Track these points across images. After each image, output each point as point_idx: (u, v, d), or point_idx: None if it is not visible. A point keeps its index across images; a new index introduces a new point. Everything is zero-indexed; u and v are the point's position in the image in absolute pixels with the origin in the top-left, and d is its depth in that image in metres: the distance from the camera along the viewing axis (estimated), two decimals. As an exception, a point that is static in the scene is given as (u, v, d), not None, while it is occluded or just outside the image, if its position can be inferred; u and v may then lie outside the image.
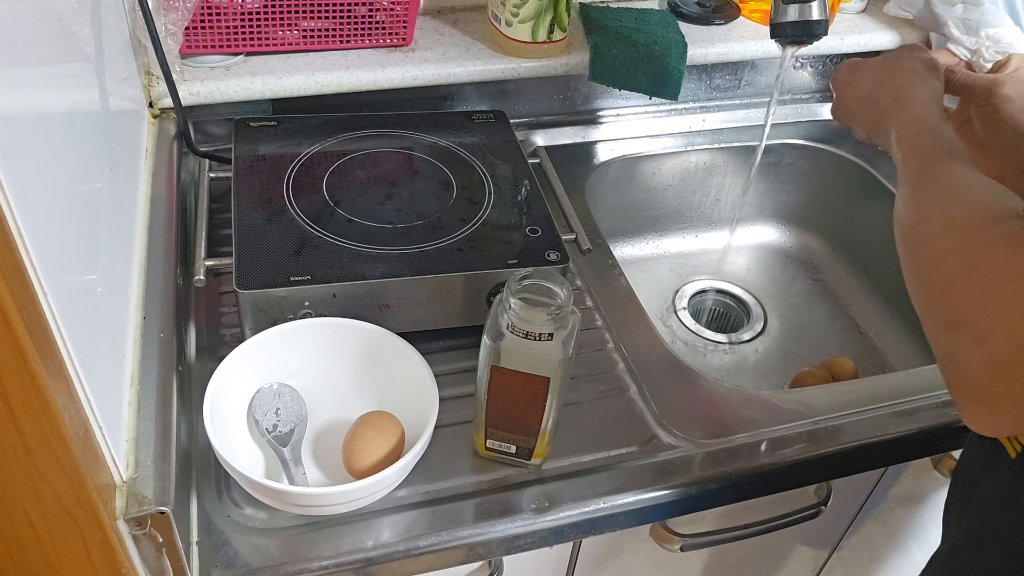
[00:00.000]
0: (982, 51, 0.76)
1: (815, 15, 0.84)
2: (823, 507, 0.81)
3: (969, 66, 0.76)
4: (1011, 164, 0.70)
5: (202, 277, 0.75)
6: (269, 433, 0.68)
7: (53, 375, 0.44)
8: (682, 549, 0.76)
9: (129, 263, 0.69)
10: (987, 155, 0.72)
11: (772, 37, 0.88)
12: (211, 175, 0.88)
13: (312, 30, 0.95)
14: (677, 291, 1.14)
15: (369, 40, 0.97)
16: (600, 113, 1.12)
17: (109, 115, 0.71)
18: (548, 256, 0.78)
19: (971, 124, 0.73)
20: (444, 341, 0.78)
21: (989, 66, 0.75)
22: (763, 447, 0.74)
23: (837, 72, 0.75)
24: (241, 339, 0.71)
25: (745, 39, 1.09)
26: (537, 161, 0.96)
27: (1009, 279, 0.48)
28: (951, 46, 0.77)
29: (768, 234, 1.21)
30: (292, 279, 0.72)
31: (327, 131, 0.90)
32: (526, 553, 0.71)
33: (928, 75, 0.67)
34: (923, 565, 0.65)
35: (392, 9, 0.96)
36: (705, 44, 1.07)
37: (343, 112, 0.95)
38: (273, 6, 0.91)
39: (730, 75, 1.16)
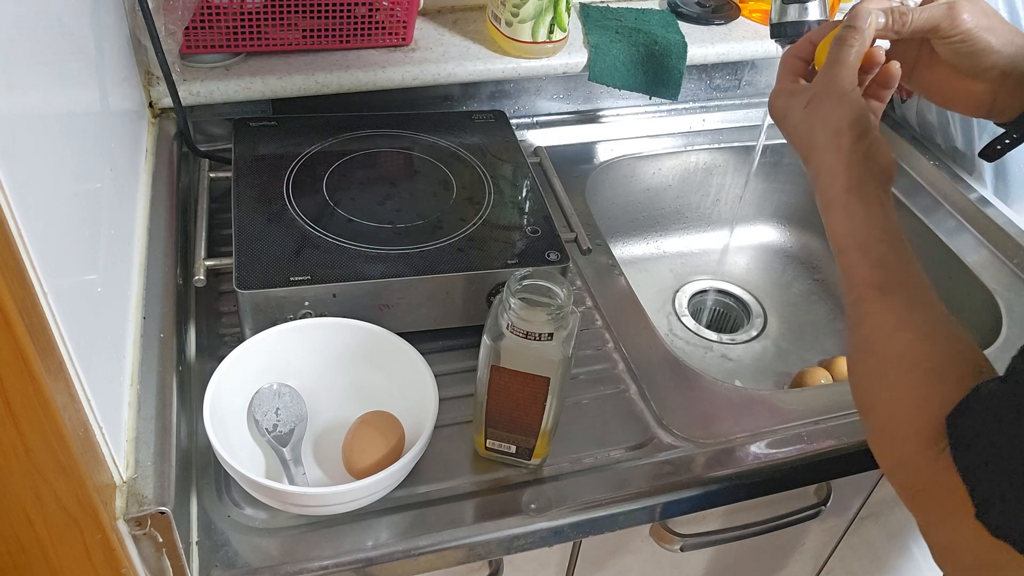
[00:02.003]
0: (910, 11, 0.73)
1: (815, 15, 0.84)
2: (823, 507, 0.81)
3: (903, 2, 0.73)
4: (1003, 84, 0.66)
5: (202, 277, 0.75)
6: (269, 433, 0.68)
7: (53, 375, 0.44)
8: (682, 549, 0.76)
9: (129, 263, 0.69)
10: (971, 81, 0.67)
11: (772, 37, 0.88)
12: (211, 175, 0.88)
13: (312, 30, 0.95)
14: (677, 291, 1.14)
15: (369, 40, 0.97)
16: (600, 113, 1.12)
17: (109, 115, 0.71)
18: (548, 256, 0.78)
19: (936, 58, 0.69)
20: (444, 341, 0.78)
21: None
22: (763, 447, 0.74)
23: (771, 112, 0.70)
24: (241, 339, 0.71)
25: (745, 39, 1.09)
26: (537, 161, 0.96)
27: (947, 517, 0.49)
28: None
29: (768, 234, 1.21)
30: (292, 279, 0.72)
31: (327, 131, 0.90)
32: (526, 553, 0.71)
33: (845, 137, 0.60)
34: (923, 565, 0.65)
35: (392, 9, 0.96)
36: (705, 44, 1.07)
37: (343, 112, 0.95)
38: (273, 6, 0.91)
39: (730, 75, 1.16)
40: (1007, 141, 0.68)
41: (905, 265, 0.56)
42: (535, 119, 1.09)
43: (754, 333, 1.10)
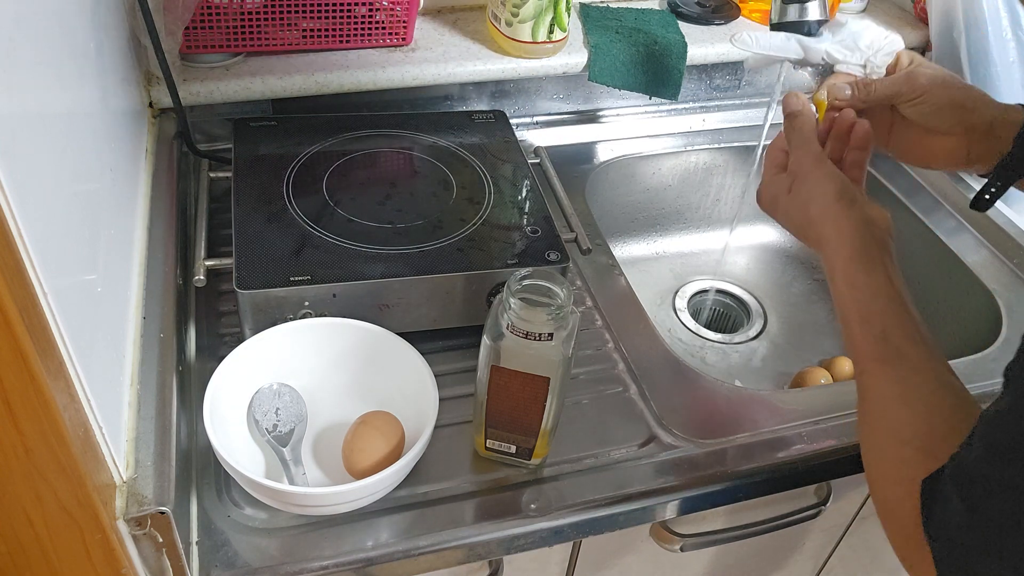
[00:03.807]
0: (871, 61, 0.78)
1: (815, 15, 0.84)
2: (823, 507, 0.81)
3: (866, 78, 0.78)
4: (971, 136, 0.70)
5: (202, 277, 0.75)
6: (269, 433, 0.68)
7: (53, 375, 0.44)
8: (682, 549, 0.76)
9: (129, 263, 0.69)
10: (942, 137, 0.72)
11: (772, 37, 0.88)
12: (211, 175, 0.88)
13: (312, 30, 0.95)
14: (677, 291, 1.14)
15: (369, 40, 0.97)
16: (600, 113, 1.12)
17: (109, 115, 0.71)
18: (548, 256, 0.78)
19: (907, 122, 0.73)
20: (444, 341, 0.78)
21: (883, 71, 0.77)
22: (763, 447, 0.74)
23: (760, 205, 0.73)
24: (241, 339, 0.71)
25: (745, 39, 1.09)
26: (537, 161, 0.96)
27: None
28: (840, 67, 0.79)
29: (768, 234, 1.21)
30: (292, 279, 0.72)
31: (327, 131, 0.90)
32: (526, 553, 0.71)
33: (835, 207, 0.63)
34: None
35: (392, 9, 0.96)
36: (705, 44, 1.07)
37: (343, 112, 0.95)
38: (273, 6, 0.91)
39: (730, 75, 1.16)
40: (992, 190, 0.71)
41: (907, 335, 0.57)
42: (535, 119, 1.09)
43: (754, 333, 1.10)
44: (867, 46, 0.78)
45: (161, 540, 0.56)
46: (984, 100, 0.71)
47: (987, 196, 0.71)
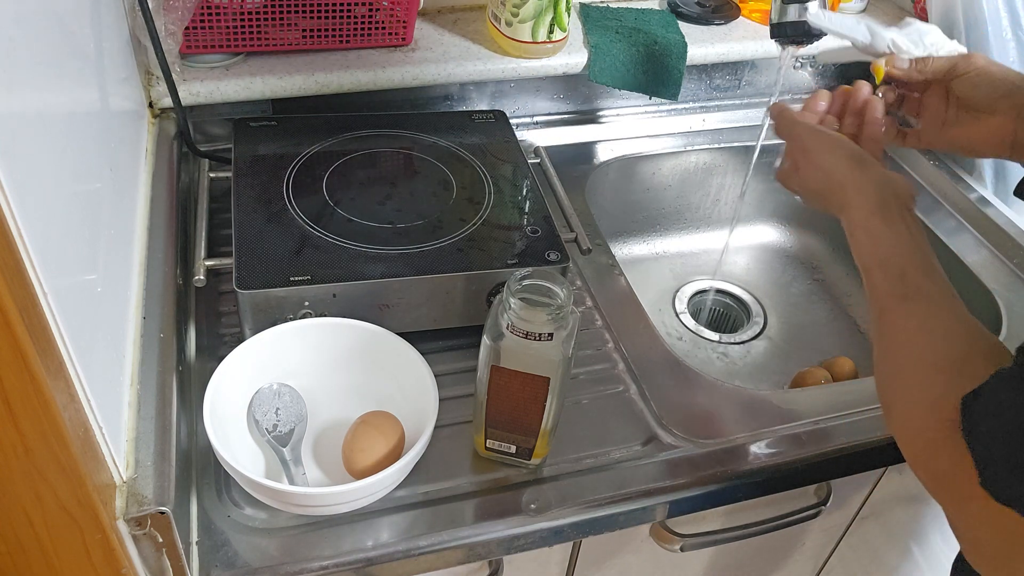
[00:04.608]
0: (933, 56, 0.82)
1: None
2: (823, 507, 0.81)
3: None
4: (1019, 118, 0.72)
5: (202, 277, 0.75)
6: (269, 433, 0.68)
7: (53, 375, 0.44)
8: (682, 549, 0.76)
9: (129, 263, 0.69)
10: (990, 118, 0.74)
11: (772, 37, 0.88)
12: (211, 175, 0.88)
13: (312, 30, 0.95)
14: (677, 291, 1.14)
15: (369, 40, 0.97)
16: (600, 113, 1.12)
17: (109, 115, 0.71)
18: (548, 256, 0.78)
19: (959, 103, 0.76)
20: (444, 341, 0.78)
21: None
22: (763, 447, 0.74)
23: (779, 173, 0.76)
24: (241, 339, 0.71)
25: (745, 39, 1.09)
26: (537, 161, 0.96)
27: (965, 500, 0.51)
28: (903, 56, 0.82)
29: (768, 234, 1.21)
30: (292, 279, 0.72)
31: (327, 131, 0.90)
32: (526, 553, 0.71)
33: (850, 172, 0.66)
34: (923, 565, 0.65)
35: (392, 9, 0.96)
36: (705, 44, 1.07)
37: (343, 112, 0.95)
38: (273, 6, 0.91)
39: (730, 75, 1.16)
40: None
41: (926, 274, 0.59)
42: (535, 119, 1.09)
43: (754, 333, 1.10)
44: (931, 43, 0.81)
45: (161, 540, 0.56)
46: None
47: None
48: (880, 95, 0.81)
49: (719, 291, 1.15)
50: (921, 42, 0.82)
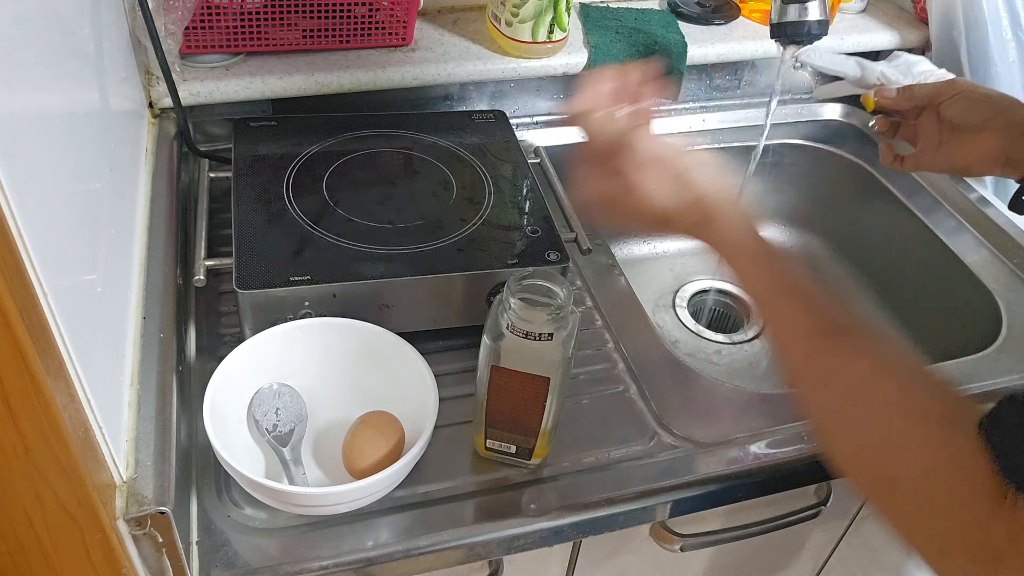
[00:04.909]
0: (916, 84, 0.88)
1: (815, 15, 0.84)
2: (823, 507, 0.81)
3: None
4: (1009, 134, 0.75)
5: (202, 277, 0.75)
6: (269, 433, 0.68)
7: (53, 375, 0.44)
8: (682, 549, 0.76)
9: (129, 263, 0.69)
10: (981, 135, 0.77)
11: (772, 37, 0.88)
12: (211, 175, 0.88)
13: (312, 30, 0.95)
14: (677, 291, 1.14)
15: (369, 40, 0.97)
16: (600, 113, 1.12)
17: (109, 115, 0.71)
18: (548, 256, 0.78)
19: (950, 127, 0.80)
20: (444, 341, 0.78)
21: None
22: (763, 447, 0.74)
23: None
24: (241, 339, 0.71)
25: (745, 39, 1.09)
26: (537, 161, 0.96)
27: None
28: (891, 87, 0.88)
29: (768, 234, 1.21)
30: (292, 279, 0.72)
31: (327, 131, 0.90)
32: (526, 553, 0.71)
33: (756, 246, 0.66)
34: (923, 565, 0.65)
35: (392, 9, 0.96)
36: (705, 44, 1.07)
37: (343, 112, 0.95)
38: (273, 6, 0.91)
39: (730, 75, 1.16)
40: None
41: (830, 300, 0.59)
42: (535, 119, 1.09)
43: (754, 333, 1.10)
44: (920, 72, 0.87)
45: (161, 540, 0.56)
46: (1022, 103, 0.76)
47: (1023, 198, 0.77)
48: (872, 125, 0.87)
49: (719, 291, 1.15)
50: (910, 72, 0.86)
